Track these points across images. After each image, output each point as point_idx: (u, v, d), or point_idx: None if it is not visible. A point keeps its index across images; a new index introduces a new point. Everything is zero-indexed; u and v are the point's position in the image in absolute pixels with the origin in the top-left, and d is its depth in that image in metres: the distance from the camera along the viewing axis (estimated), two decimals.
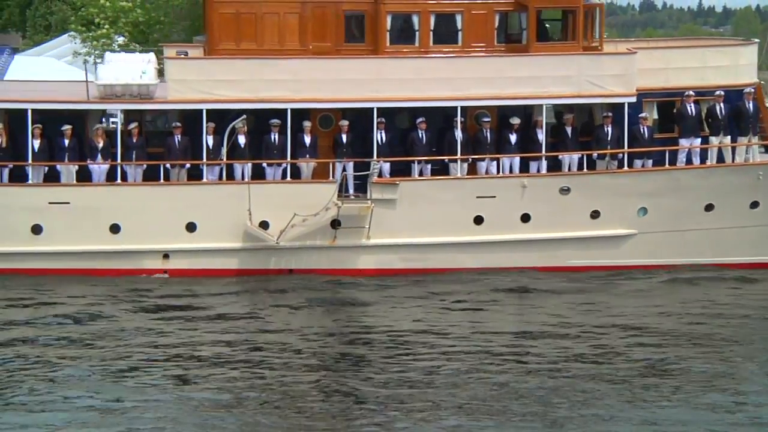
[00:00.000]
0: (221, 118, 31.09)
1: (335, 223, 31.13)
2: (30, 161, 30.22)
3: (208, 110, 30.82)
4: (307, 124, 31.42)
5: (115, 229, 30.41)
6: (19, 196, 30.06)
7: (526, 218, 31.87)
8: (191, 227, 30.71)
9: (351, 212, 30.99)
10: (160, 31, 50.56)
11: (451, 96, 31.76)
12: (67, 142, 30.49)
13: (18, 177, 30.46)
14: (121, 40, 52.49)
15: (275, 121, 31.09)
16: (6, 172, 30.33)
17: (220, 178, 31.16)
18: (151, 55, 34.37)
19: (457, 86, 31.76)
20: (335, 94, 31.42)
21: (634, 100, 32.14)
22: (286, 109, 31.08)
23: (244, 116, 30.78)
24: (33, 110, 30.18)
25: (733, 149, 32.67)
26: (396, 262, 31.70)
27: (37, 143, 30.29)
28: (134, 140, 30.77)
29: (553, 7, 33.20)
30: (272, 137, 31.20)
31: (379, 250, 31.52)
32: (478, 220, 31.73)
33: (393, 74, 31.70)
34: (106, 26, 52.66)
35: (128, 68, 30.78)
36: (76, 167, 30.59)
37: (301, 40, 32.58)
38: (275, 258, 31.24)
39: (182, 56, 32.70)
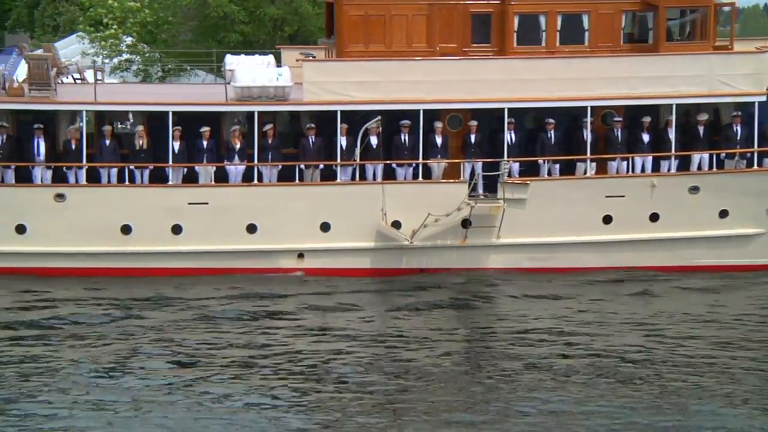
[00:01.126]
0: (354, 119, 31.33)
1: (466, 223, 31.16)
2: (170, 162, 30.66)
3: (342, 111, 31.10)
4: (438, 124, 31.43)
5: (251, 229, 30.65)
6: (160, 197, 30.42)
7: (654, 218, 31.67)
8: (325, 227, 30.84)
9: (482, 212, 31.00)
10: (168, 32, 50.75)
11: (580, 96, 31.68)
12: (205, 143, 30.81)
13: (158, 178, 30.89)
14: (129, 40, 52.77)
15: (405, 122, 31.16)
16: (146, 173, 30.76)
17: (353, 178, 31.42)
18: (271, 58, 34.72)
19: (586, 86, 31.71)
20: (466, 95, 31.41)
21: (764, 99, 31.84)
22: (418, 110, 31.24)
23: (379, 117, 30.89)
24: (173, 113, 30.62)
25: None
26: (524, 262, 31.60)
27: (176, 145, 30.67)
28: (270, 141, 30.99)
29: (685, 7, 32.94)
30: (403, 138, 31.31)
31: (509, 249, 31.46)
32: (607, 219, 31.61)
33: (523, 75, 31.56)
34: (114, 27, 52.80)
35: (265, 71, 31.02)
36: (214, 168, 31.06)
37: (428, 42, 32.54)
38: (407, 257, 31.31)
39: (310, 58, 32.92)
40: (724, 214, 31.80)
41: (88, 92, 30.82)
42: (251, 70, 31.00)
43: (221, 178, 31.01)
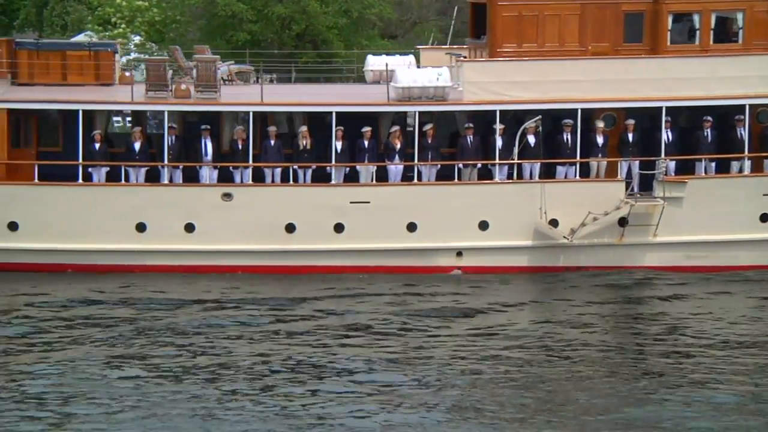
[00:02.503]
0: (513, 118, 31.31)
1: (623, 221, 30.93)
2: (333, 162, 30.82)
3: (501, 111, 31.01)
4: (599, 124, 31.23)
5: (411, 227, 30.71)
6: (323, 196, 30.58)
7: None
8: (483, 225, 30.79)
9: (640, 210, 30.79)
10: (176, 30, 50.61)
11: (737, 95, 31.30)
12: (366, 143, 30.91)
13: (320, 177, 31.09)
14: (137, 39, 52.78)
15: (568, 121, 30.99)
16: (309, 172, 30.96)
17: (510, 177, 31.35)
18: (411, 58, 34.77)
19: (743, 85, 31.33)
20: (624, 94, 31.21)
21: None
22: (576, 110, 31.12)
23: (539, 117, 30.80)
24: (337, 113, 30.77)
25: None
26: (681, 260, 31.29)
27: (339, 145, 30.83)
28: (429, 141, 31.01)
29: None
30: (565, 137, 31.15)
31: (666, 247, 31.17)
32: (764, 217, 31.18)
33: (679, 74, 31.27)
34: (123, 26, 52.79)
35: (425, 71, 31.06)
36: (375, 167, 31.18)
37: (580, 41, 32.29)
38: (564, 255, 31.12)
39: (462, 58, 32.92)
40: None
41: (253, 94, 31.04)
42: (412, 71, 31.03)
43: (381, 177, 31.26)
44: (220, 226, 29.97)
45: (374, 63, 35.52)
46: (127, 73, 36.09)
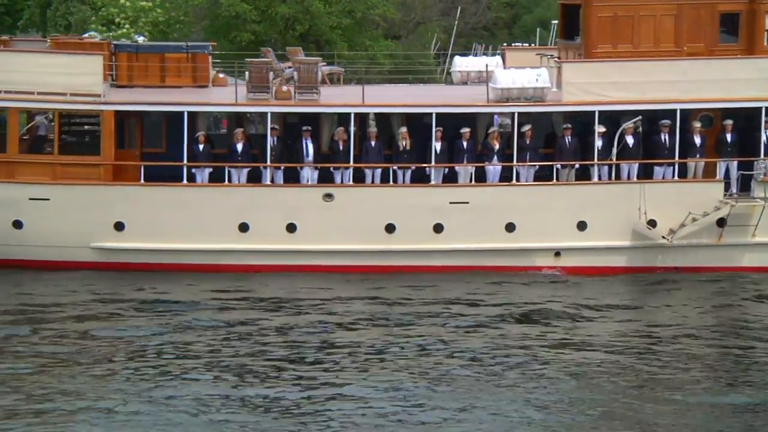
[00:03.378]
0: (609, 119, 31.19)
1: (722, 222, 30.69)
2: (433, 163, 30.81)
3: (599, 112, 30.87)
4: (696, 124, 30.99)
5: (510, 227, 30.65)
6: (423, 196, 30.57)
7: None
8: (582, 226, 30.62)
9: (740, 211, 30.56)
10: (179, 31, 50.35)
11: None
12: (465, 144, 30.83)
13: (419, 178, 30.99)
14: (141, 39, 52.60)
15: (666, 122, 30.75)
16: (408, 173, 31.00)
17: (609, 178, 31.19)
18: (498, 58, 34.66)
19: None
20: (722, 94, 30.81)
21: None
22: (675, 110, 30.88)
23: (639, 118, 30.65)
24: (436, 114, 30.79)
25: None
26: None
27: (438, 145, 30.81)
28: (528, 142, 30.96)
29: None
30: (663, 137, 30.90)
31: (765, 248, 30.96)
32: None
33: None
34: (126, 26, 52.54)
35: (524, 72, 30.99)
36: (473, 168, 31.12)
37: (675, 42, 32.06)
38: (662, 256, 30.86)
39: (555, 59, 32.83)
40: None
41: (353, 95, 31.11)
42: (511, 72, 30.97)
43: (480, 178, 31.18)
44: (321, 226, 30.04)
45: (462, 64, 35.55)
46: (221, 75, 36.39)
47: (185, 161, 29.88)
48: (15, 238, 29.25)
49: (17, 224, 29.21)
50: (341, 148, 30.62)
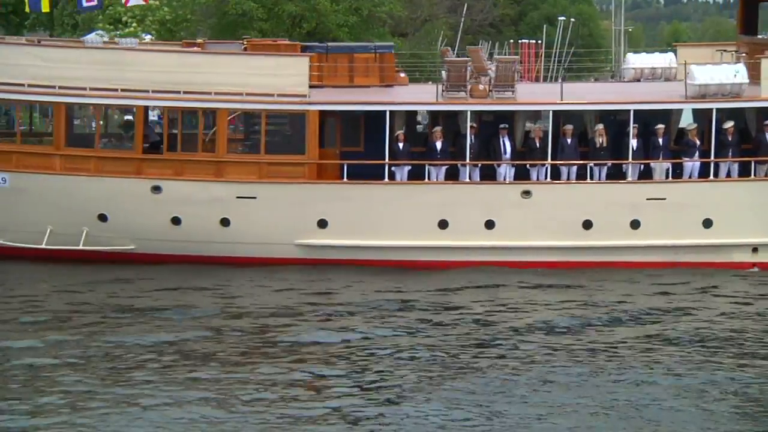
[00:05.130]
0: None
1: None
2: (630, 159, 30.63)
3: None
4: None
5: (707, 223, 30.35)
6: (619, 193, 30.41)
7: None
8: None
9: None
10: (186, 30, 49.70)
11: None
12: (660, 140, 30.61)
13: (615, 174, 30.90)
14: (148, 38, 51.96)
15: None
16: (604, 170, 30.89)
17: None
18: (671, 55, 34.26)
19: None
20: None
21: None
22: None
23: None
24: (634, 111, 30.61)
25: None
26: None
27: (634, 142, 30.70)
28: (729, 138, 30.47)
29: None
30: None
31: None
32: None
33: None
34: (134, 24, 52.01)
35: (722, 68, 30.67)
36: (669, 164, 30.83)
37: None
38: None
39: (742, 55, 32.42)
40: None
41: (550, 92, 31.11)
42: (708, 68, 30.66)
43: (676, 174, 30.91)
44: (519, 222, 30.05)
45: (635, 61, 35.38)
46: (402, 75, 36.65)
47: (386, 159, 30.20)
48: (222, 236, 29.82)
49: (225, 222, 29.77)
50: (537, 145, 30.64)
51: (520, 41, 74.62)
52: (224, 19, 47.47)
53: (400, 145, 30.42)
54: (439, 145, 30.56)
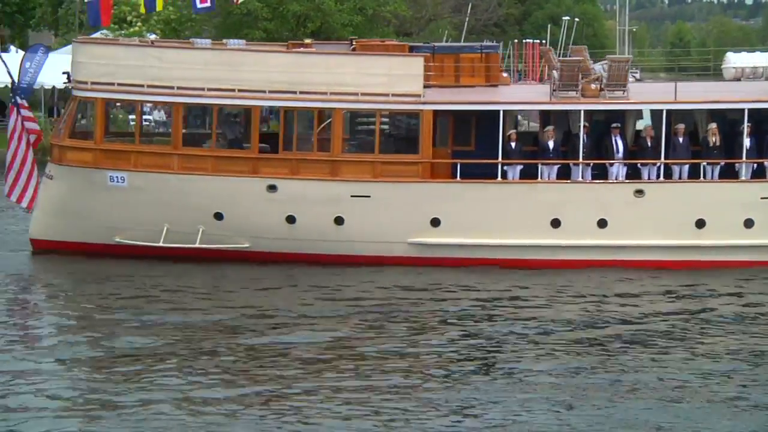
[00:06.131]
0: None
1: None
2: (743, 158, 30.42)
3: None
4: None
5: None
6: (733, 192, 30.14)
7: None
8: None
9: None
10: (191, 29, 49.17)
11: None
12: None
13: (728, 173, 30.71)
14: (152, 37, 51.54)
15: None
16: (717, 169, 30.73)
17: None
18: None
19: None
20: None
21: None
22: None
23: None
24: (749, 110, 30.35)
25: None
26: None
27: (748, 141, 30.42)
28: None
29: None
30: None
31: None
32: None
33: None
34: (138, 24, 51.63)
35: None
36: None
37: None
38: None
39: None
40: None
41: (663, 91, 30.97)
42: None
43: None
44: (632, 222, 29.90)
45: (736, 60, 35.14)
46: (504, 74, 36.65)
47: (500, 158, 30.23)
48: (336, 234, 30.00)
49: (338, 220, 29.94)
50: (649, 144, 30.52)
51: (524, 41, 74.44)
52: (229, 18, 47.47)
53: (513, 144, 30.44)
54: (551, 144, 30.53)
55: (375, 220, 29.87)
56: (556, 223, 29.94)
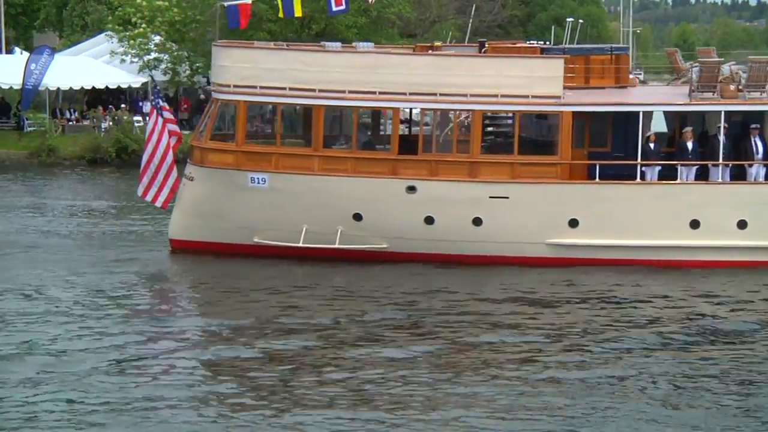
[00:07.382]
0: None
1: None
2: None
3: None
4: None
5: None
6: None
7: None
8: None
9: None
10: (196, 30, 48.45)
11: None
12: None
13: None
14: (157, 39, 50.80)
15: None
16: None
17: None
18: None
19: None
20: None
21: None
22: None
23: None
24: None
25: None
26: None
27: None
28: None
29: None
30: None
31: None
32: None
33: None
34: (143, 25, 50.92)
35: None
36: None
37: None
38: None
39: None
40: None
41: None
42: None
43: None
44: None
45: None
46: (631, 76, 36.49)
47: (639, 159, 30.10)
48: (474, 235, 30.06)
49: (477, 221, 30.00)
50: None
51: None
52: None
53: (652, 145, 30.30)
54: (689, 145, 30.36)
55: (513, 221, 29.88)
56: (695, 224, 29.75)
